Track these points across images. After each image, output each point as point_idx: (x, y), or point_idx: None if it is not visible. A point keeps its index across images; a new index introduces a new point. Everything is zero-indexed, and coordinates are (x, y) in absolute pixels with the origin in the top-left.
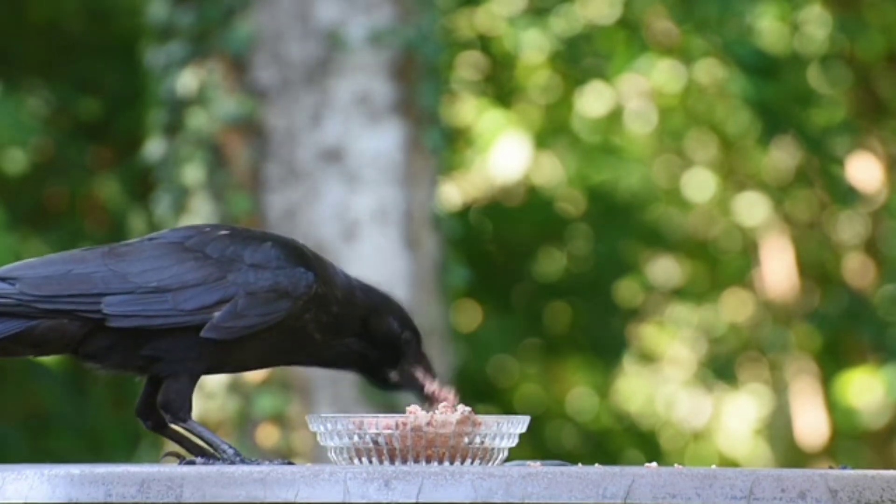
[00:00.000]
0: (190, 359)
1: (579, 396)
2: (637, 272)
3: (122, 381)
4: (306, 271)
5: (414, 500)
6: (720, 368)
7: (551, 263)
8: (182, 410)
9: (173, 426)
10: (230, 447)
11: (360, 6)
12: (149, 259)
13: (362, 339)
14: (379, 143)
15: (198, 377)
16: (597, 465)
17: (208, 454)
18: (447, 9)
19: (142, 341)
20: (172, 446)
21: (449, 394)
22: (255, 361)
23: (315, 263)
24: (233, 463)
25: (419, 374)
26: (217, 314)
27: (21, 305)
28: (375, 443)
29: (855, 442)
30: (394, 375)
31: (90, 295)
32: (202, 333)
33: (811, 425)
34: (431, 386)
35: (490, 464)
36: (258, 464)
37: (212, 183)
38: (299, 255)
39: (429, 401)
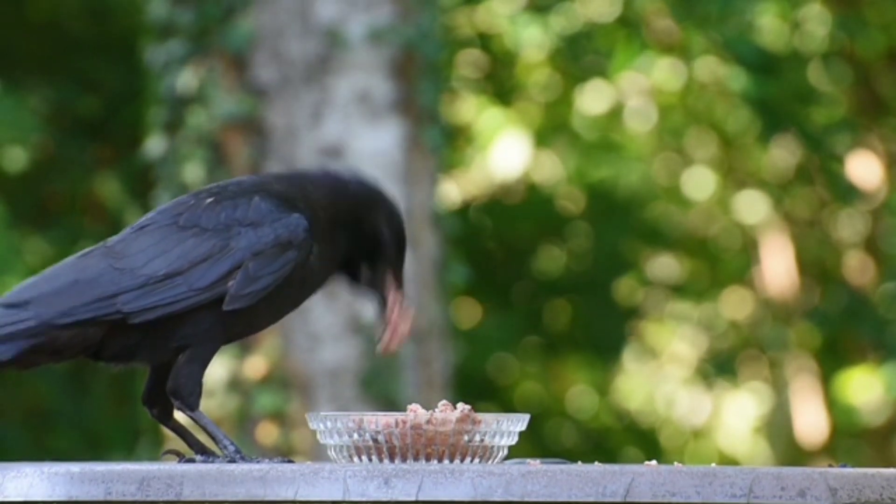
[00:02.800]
0: (214, 338)
1: (579, 394)
2: (637, 270)
3: (123, 379)
4: (299, 216)
5: (414, 499)
6: (720, 366)
7: (551, 261)
8: (192, 396)
9: (177, 418)
10: (232, 444)
11: (360, 4)
12: (150, 248)
13: (351, 234)
14: (379, 141)
15: (211, 358)
16: (596, 463)
17: (208, 452)
18: (447, 7)
19: (165, 333)
20: (172, 443)
21: (405, 307)
22: (270, 319)
23: (296, 197)
24: (233, 460)
25: (387, 279)
26: (232, 283)
27: (41, 326)
28: (375, 441)
29: (855, 440)
30: (364, 273)
31: (104, 298)
32: (225, 306)
33: (811, 423)
34: (393, 297)
35: (490, 462)
36: (258, 462)
37: (212, 181)
38: (284, 199)
39: (385, 309)
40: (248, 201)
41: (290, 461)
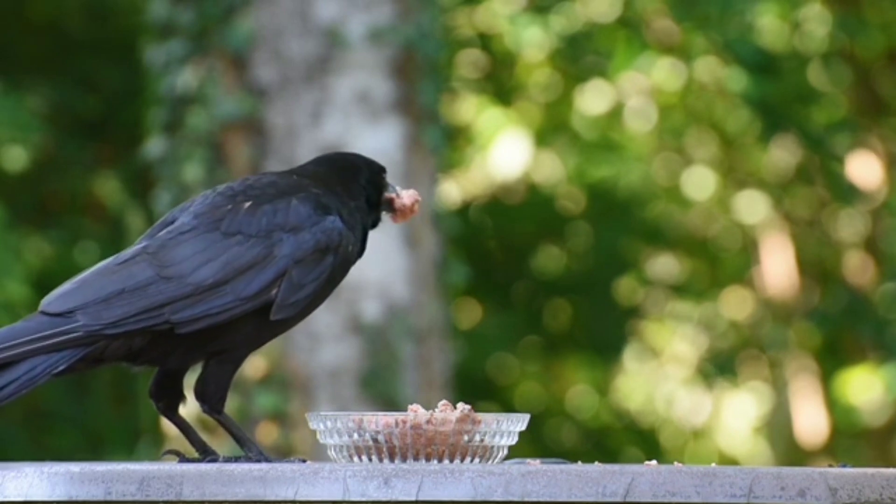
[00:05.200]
0: (249, 343)
1: (579, 394)
2: (637, 270)
3: (123, 379)
4: (334, 219)
5: (414, 499)
6: (720, 366)
7: (551, 261)
8: (220, 402)
9: (182, 414)
10: (256, 445)
11: (360, 4)
12: (195, 255)
13: (361, 198)
14: (379, 140)
15: (242, 363)
16: (596, 463)
17: (209, 450)
18: (447, 6)
19: (206, 340)
20: (172, 443)
21: (410, 193)
22: (301, 319)
23: (325, 192)
24: (258, 461)
25: (389, 195)
26: (276, 292)
27: (90, 336)
28: (375, 441)
29: (855, 440)
30: (379, 214)
31: (153, 309)
32: (273, 316)
33: (811, 423)
34: (399, 200)
35: (490, 462)
36: (290, 462)
37: (212, 181)
38: (318, 202)
39: (399, 211)
40: (286, 205)
41: (303, 461)
